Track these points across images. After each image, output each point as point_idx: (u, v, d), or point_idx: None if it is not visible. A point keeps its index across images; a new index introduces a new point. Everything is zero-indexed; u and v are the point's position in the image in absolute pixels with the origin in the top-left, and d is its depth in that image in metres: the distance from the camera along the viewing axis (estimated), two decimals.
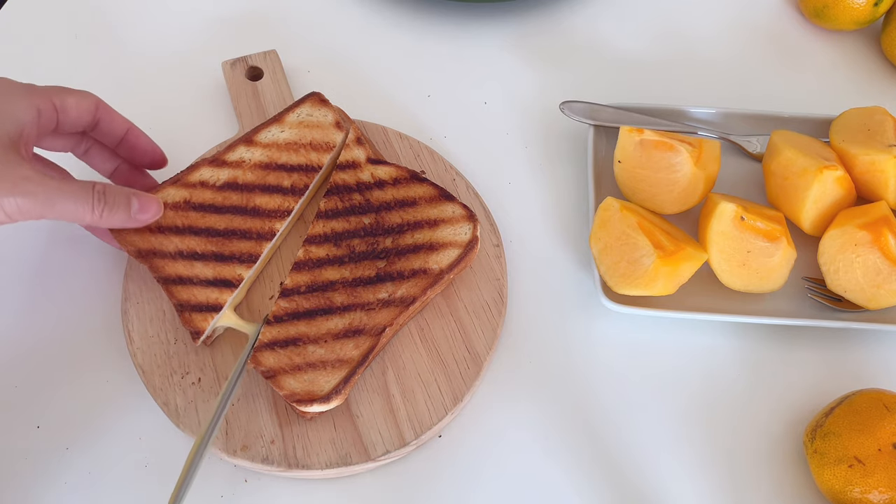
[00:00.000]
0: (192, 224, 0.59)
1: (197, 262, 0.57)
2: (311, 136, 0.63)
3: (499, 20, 0.79)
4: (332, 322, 0.55)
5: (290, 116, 0.64)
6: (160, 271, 0.57)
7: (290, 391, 0.52)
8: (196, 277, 0.57)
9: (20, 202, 0.49)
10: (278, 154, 0.62)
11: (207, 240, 0.58)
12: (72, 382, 0.57)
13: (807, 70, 0.78)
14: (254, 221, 0.60)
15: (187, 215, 0.59)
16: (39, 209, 0.50)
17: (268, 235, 0.59)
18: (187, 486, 0.49)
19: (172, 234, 0.58)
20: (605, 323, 0.61)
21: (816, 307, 0.61)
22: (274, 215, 0.60)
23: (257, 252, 0.58)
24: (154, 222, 0.58)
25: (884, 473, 0.50)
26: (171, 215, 0.59)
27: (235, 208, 0.60)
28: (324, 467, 0.53)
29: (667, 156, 0.61)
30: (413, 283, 0.57)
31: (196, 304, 0.56)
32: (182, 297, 0.56)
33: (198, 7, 0.79)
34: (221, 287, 0.57)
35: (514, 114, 0.73)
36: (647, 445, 0.56)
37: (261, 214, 0.60)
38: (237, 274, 0.57)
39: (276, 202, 0.60)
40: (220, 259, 0.58)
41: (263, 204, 0.60)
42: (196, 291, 0.56)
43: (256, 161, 0.62)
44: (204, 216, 0.59)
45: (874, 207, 0.59)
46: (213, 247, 0.58)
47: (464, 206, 0.60)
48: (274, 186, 0.61)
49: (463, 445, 0.56)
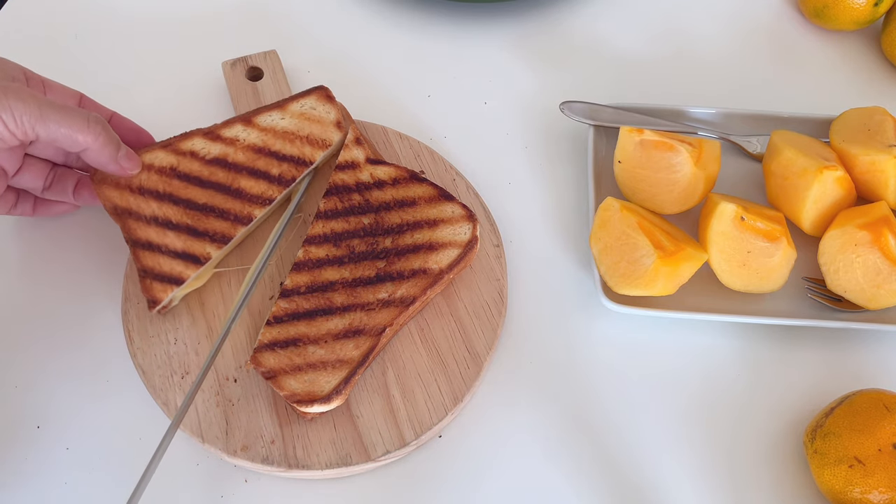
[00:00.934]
0: (173, 192, 0.59)
1: (169, 232, 0.58)
2: (310, 130, 0.63)
3: (499, 20, 0.79)
4: (332, 322, 0.55)
5: (294, 105, 0.64)
6: (132, 233, 0.57)
7: (291, 392, 0.52)
8: (165, 247, 0.57)
9: (13, 105, 0.49)
10: (273, 140, 0.62)
11: (185, 211, 0.59)
12: (72, 382, 0.57)
13: (807, 70, 0.78)
14: (234, 203, 0.60)
15: (171, 182, 0.59)
16: (31, 120, 0.50)
17: (245, 220, 0.59)
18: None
19: (151, 199, 0.58)
20: (605, 323, 0.61)
21: (816, 307, 0.61)
22: (255, 201, 0.60)
23: (230, 234, 0.58)
24: (136, 182, 0.58)
25: (884, 474, 0.50)
26: (154, 179, 0.59)
27: (219, 185, 0.60)
28: (324, 467, 0.53)
29: (667, 156, 0.61)
30: (413, 283, 0.57)
31: (159, 273, 0.56)
32: (147, 262, 0.57)
33: (198, 7, 0.78)
34: (188, 261, 0.57)
35: (514, 114, 0.73)
36: (647, 445, 0.56)
37: (242, 197, 0.60)
38: (206, 252, 0.58)
39: (261, 188, 0.60)
40: (192, 233, 0.58)
41: (248, 188, 0.60)
42: (162, 260, 0.57)
43: (250, 143, 0.62)
44: (187, 187, 0.59)
45: (874, 207, 0.59)
46: (188, 220, 0.58)
47: (463, 206, 0.60)
48: (262, 172, 0.61)
49: (463, 446, 0.56)
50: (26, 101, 0.50)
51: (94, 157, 0.55)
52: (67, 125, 0.52)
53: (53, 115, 0.51)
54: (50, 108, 0.51)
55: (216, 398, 0.55)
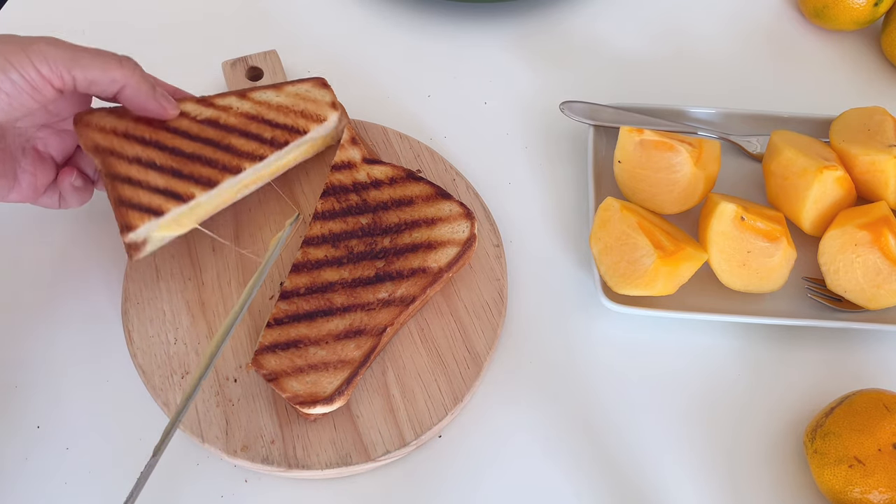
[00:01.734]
0: (160, 140, 0.57)
1: (152, 171, 0.55)
2: (305, 106, 0.62)
3: (499, 20, 0.79)
4: (332, 323, 0.55)
5: (290, 87, 0.63)
6: (111, 168, 0.55)
7: (293, 393, 0.52)
8: (146, 182, 0.55)
9: (45, 50, 0.50)
10: (267, 111, 0.61)
11: (170, 156, 0.56)
12: (72, 382, 0.57)
13: (807, 70, 0.78)
14: (223, 155, 0.58)
15: (158, 132, 0.57)
16: (66, 63, 0.51)
17: (233, 169, 0.57)
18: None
19: (136, 143, 0.56)
20: (605, 323, 0.61)
21: (816, 307, 0.61)
22: (245, 156, 0.58)
23: (217, 179, 0.56)
24: (122, 128, 0.57)
25: (884, 473, 0.50)
26: (142, 128, 0.57)
27: (208, 140, 0.58)
28: (324, 467, 0.53)
29: (667, 156, 0.61)
30: (412, 282, 0.57)
31: (137, 203, 0.54)
32: (125, 194, 0.54)
33: (198, 7, 0.79)
34: (169, 197, 0.55)
35: (514, 114, 0.73)
36: (647, 445, 0.56)
37: (232, 152, 0.58)
38: (189, 191, 0.55)
39: (252, 147, 0.59)
40: (176, 175, 0.56)
41: (238, 145, 0.58)
42: (141, 193, 0.54)
43: (244, 111, 0.60)
44: (174, 137, 0.57)
45: (874, 207, 0.59)
46: (173, 163, 0.56)
47: (461, 204, 0.60)
48: (254, 134, 0.59)
49: (463, 446, 0.56)
50: (58, 46, 0.51)
51: (131, 94, 0.54)
52: (102, 64, 0.52)
53: (86, 56, 0.52)
54: (82, 51, 0.52)
55: (216, 398, 0.55)
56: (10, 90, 0.50)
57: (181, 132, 0.58)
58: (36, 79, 0.50)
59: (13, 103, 0.51)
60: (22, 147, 0.56)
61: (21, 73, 0.50)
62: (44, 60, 0.50)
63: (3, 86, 0.50)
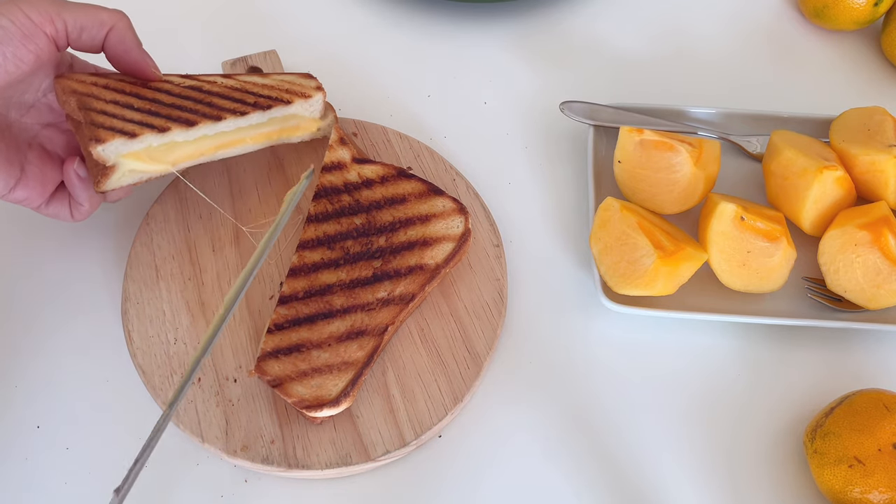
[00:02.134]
0: (139, 93, 0.57)
1: (128, 110, 0.55)
2: (290, 87, 0.62)
3: (499, 20, 0.79)
4: (333, 325, 0.55)
5: (276, 76, 0.63)
6: (86, 104, 0.54)
7: (299, 398, 0.52)
8: (122, 116, 0.54)
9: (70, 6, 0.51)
10: (252, 86, 0.61)
11: (149, 103, 0.56)
12: (72, 382, 0.57)
13: (807, 70, 0.78)
14: (204, 108, 0.57)
15: (140, 89, 0.57)
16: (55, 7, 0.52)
17: (213, 117, 0.57)
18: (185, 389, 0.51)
19: (116, 92, 0.56)
20: (605, 323, 0.61)
21: (816, 307, 0.61)
22: (227, 110, 0.58)
23: (195, 120, 0.56)
24: (102, 81, 0.56)
25: (884, 473, 0.50)
26: (123, 84, 0.57)
27: (189, 98, 0.58)
28: (324, 467, 0.53)
29: (667, 156, 0.61)
30: (411, 279, 0.57)
31: (110, 126, 0.53)
32: (98, 119, 0.53)
33: (198, 7, 0.79)
34: (143, 126, 0.54)
35: (514, 114, 0.73)
36: (647, 445, 0.56)
37: (214, 106, 0.58)
38: (166, 125, 0.55)
39: (234, 105, 0.58)
40: (153, 115, 0.55)
41: (221, 104, 0.58)
42: (115, 122, 0.54)
43: (229, 84, 0.61)
44: (155, 93, 0.57)
45: (874, 207, 0.59)
46: (151, 107, 0.56)
47: (454, 200, 0.60)
48: (237, 99, 0.59)
49: (463, 446, 0.56)
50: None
51: (118, 39, 0.55)
52: (92, 9, 0.53)
53: (74, 4, 0.53)
54: (70, 2, 0.53)
55: (216, 398, 0.55)
56: (2, 37, 0.50)
57: (163, 91, 0.58)
58: (27, 24, 0.51)
59: (7, 54, 0.50)
60: (28, 142, 0.56)
61: (10, 18, 0.50)
62: (33, 7, 0.51)
63: None
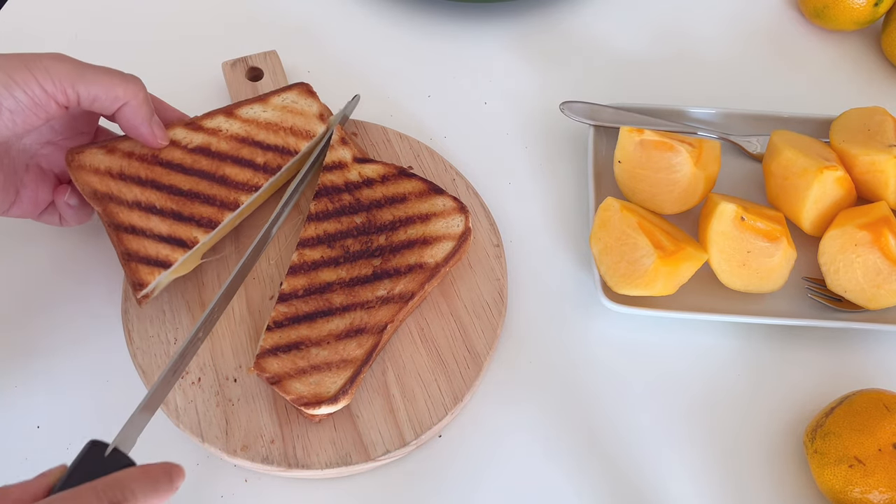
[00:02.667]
0: (155, 178, 0.58)
1: (153, 216, 0.57)
2: (293, 122, 0.63)
3: (499, 20, 0.79)
4: (333, 323, 0.55)
5: (276, 99, 0.64)
6: (114, 217, 0.56)
7: (298, 395, 0.52)
8: (150, 230, 0.56)
9: (49, 65, 0.50)
10: (256, 131, 0.62)
11: (169, 196, 0.58)
12: (72, 382, 0.57)
13: (807, 70, 0.78)
14: (220, 189, 0.59)
15: (153, 169, 0.58)
16: (71, 79, 0.51)
17: (231, 206, 0.58)
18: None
19: (133, 184, 0.58)
20: (605, 323, 0.61)
21: (816, 307, 0.61)
22: (241, 188, 0.59)
23: (217, 219, 0.58)
24: (116, 168, 0.57)
25: (884, 473, 0.50)
26: (136, 165, 0.58)
27: (203, 173, 0.59)
28: (324, 467, 0.53)
29: (667, 156, 0.61)
30: (410, 278, 0.57)
31: (145, 257, 0.55)
32: (132, 246, 0.56)
33: (198, 7, 0.79)
34: (174, 245, 0.56)
35: (514, 114, 0.73)
36: (648, 445, 0.56)
37: (228, 184, 0.59)
38: (193, 236, 0.57)
39: (246, 176, 0.60)
40: (177, 218, 0.57)
41: (233, 175, 0.59)
42: (147, 244, 0.56)
43: (233, 133, 0.61)
44: (169, 174, 0.59)
45: (874, 207, 0.59)
46: (173, 205, 0.58)
47: (454, 199, 0.60)
48: (246, 160, 0.60)
49: (463, 445, 0.56)
50: (63, 61, 0.51)
51: (130, 114, 0.55)
52: (107, 81, 0.52)
53: (91, 72, 0.52)
54: (88, 67, 0.52)
55: (216, 398, 0.55)
56: (14, 107, 0.50)
57: (175, 165, 0.59)
58: (40, 95, 0.50)
59: (17, 120, 0.51)
60: (25, 164, 0.56)
61: (24, 90, 0.50)
62: (48, 77, 0.50)
63: (7, 103, 0.49)
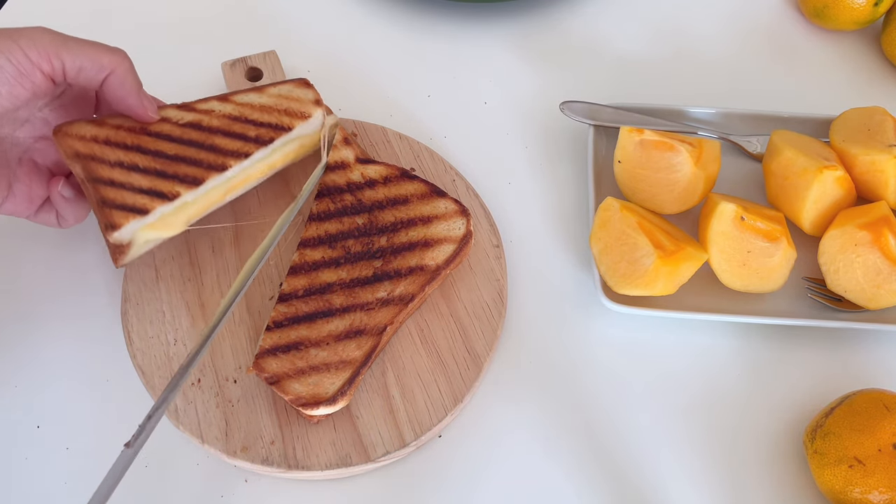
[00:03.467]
0: (141, 144, 0.56)
1: (135, 174, 0.55)
2: (288, 105, 0.62)
3: (499, 20, 0.79)
4: (332, 324, 0.55)
5: (272, 89, 0.63)
6: (92, 172, 0.54)
7: (296, 395, 0.52)
8: (129, 184, 0.54)
9: (34, 35, 0.51)
10: (250, 111, 0.60)
11: (153, 159, 0.56)
12: (72, 382, 0.57)
13: (807, 70, 0.77)
14: (208, 155, 0.57)
15: (140, 138, 0.57)
16: (55, 47, 0.51)
17: (218, 167, 0.56)
18: None
19: (118, 149, 0.56)
20: (605, 323, 0.61)
21: (816, 307, 0.61)
22: (230, 154, 0.57)
23: (202, 177, 0.56)
24: (102, 135, 0.56)
25: (884, 474, 0.50)
26: (123, 134, 0.56)
27: (192, 142, 0.57)
28: (324, 468, 0.53)
29: (667, 156, 0.61)
30: (411, 280, 0.57)
31: (121, 204, 0.53)
32: (108, 195, 0.53)
33: (198, 7, 0.78)
34: (153, 196, 0.54)
35: (514, 114, 0.73)
36: (647, 445, 0.56)
37: (217, 151, 0.57)
38: (174, 190, 0.55)
39: (237, 145, 0.58)
40: (160, 175, 0.55)
41: (223, 145, 0.58)
42: (125, 194, 0.54)
43: (226, 113, 0.60)
44: (157, 142, 0.57)
45: (874, 207, 0.59)
46: (157, 165, 0.56)
47: (456, 202, 0.60)
48: (238, 134, 0.59)
49: (463, 446, 0.56)
50: (48, 32, 0.51)
51: (117, 84, 0.54)
52: (92, 49, 0.52)
53: (76, 42, 0.52)
54: (72, 38, 0.52)
55: (216, 399, 0.55)
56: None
57: (163, 136, 0.57)
58: (24, 64, 0.50)
59: (1, 91, 0.50)
60: (18, 157, 0.55)
61: (9, 58, 0.50)
62: (32, 46, 0.50)
63: None
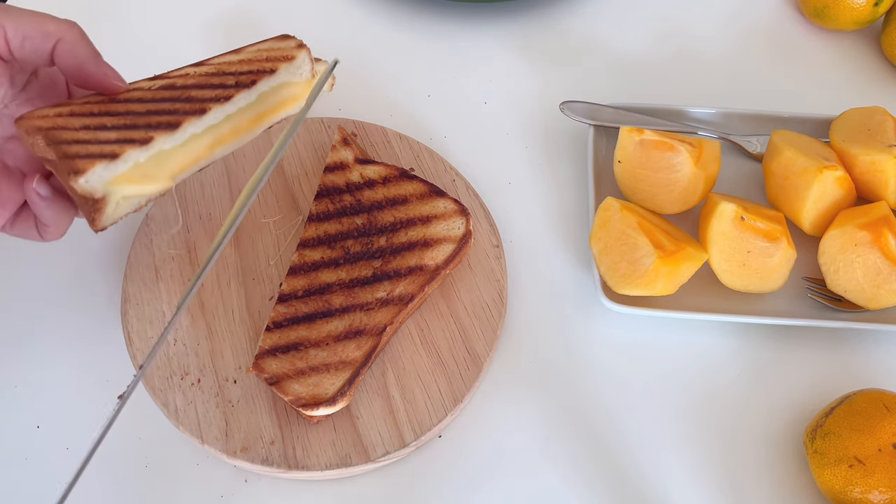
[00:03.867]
0: (109, 109, 0.50)
1: (102, 132, 0.48)
2: (268, 55, 0.56)
3: (499, 20, 0.79)
4: (332, 324, 0.55)
5: (251, 48, 0.58)
6: (55, 138, 0.47)
7: (296, 396, 0.52)
8: (96, 139, 0.48)
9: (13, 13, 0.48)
10: (228, 66, 0.55)
11: (123, 118, 0.50)
12: (72, 382, 0.57)
13: (807, 70, 0.77)
14: (184, 104, 0.51)
15: (109, 106, 0.51)
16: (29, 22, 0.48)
17: (196, 111, 0.51)
18: None
19: (84, 117, 0.50)
20: (605, 323, 0.61)
21: (816, 307, 0.61)
22: (210, 100, 0.52)
23: (178, 121, 0.50)
24: (66, 109, 0.50)
25: (884, 473, 0.50)
26: (90, 106, 0.50)
27: (165, 99, 0.52)
28: (324, 468, 0.53)
29: (667, 156, 0.61)
30: (410, 280, 0.57)
31: (87, 154, 0.46)
32: (71, 151, 0.46)
33: (196, 7, 0.78)
34: (123, 143, 0.48)
35: (514, 114, 0.73)
36: (647, 445, 0.56)
37: (194, 101, 0.52)
38: (147, 135, 0.48)
39: (216, 92, 0.52)
40: (131, 128, 0.49)
41: (201, 95, 0.52)
42: (91, 147, 0.47)
43: (203, 72, 0.55)
44: (127, 104, 0.51)
45: (874, 207, 0.59)
46: (127, 121, 0.49)
47: (455, 201, 0.60)
48: (216, 84, 0.53)
49: (463, 446, 0.56)
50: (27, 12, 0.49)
51: (69, 53, 0.49)
52: (36, 16, 0.49)
53: (18, 10, 0.49)
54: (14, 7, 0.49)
55: (216, 399, 0.55)
56: None
57: (134, 100, 0.51)
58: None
59: None
60: None
61: None
62: (8, 16, 0.47)
63: None
